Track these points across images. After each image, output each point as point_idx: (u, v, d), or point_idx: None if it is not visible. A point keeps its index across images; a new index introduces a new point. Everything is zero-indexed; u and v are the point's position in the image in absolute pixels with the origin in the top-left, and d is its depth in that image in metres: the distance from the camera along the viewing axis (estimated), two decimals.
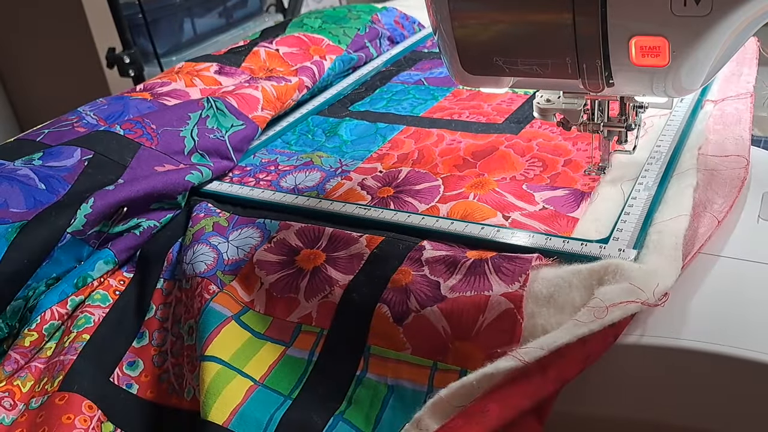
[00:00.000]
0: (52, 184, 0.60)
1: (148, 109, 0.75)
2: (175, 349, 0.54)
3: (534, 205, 0.58)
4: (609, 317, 0.42)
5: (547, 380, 0.42)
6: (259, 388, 0.48)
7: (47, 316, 0.55)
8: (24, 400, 0.51)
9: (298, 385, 0.49)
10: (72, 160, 0.64)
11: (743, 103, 0.67)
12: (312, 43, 0.95)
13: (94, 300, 0.57)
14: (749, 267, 0.49)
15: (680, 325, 0.44)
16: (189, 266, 0.56)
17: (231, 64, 0.88)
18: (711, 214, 0.52)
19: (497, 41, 0.49)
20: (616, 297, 0.43)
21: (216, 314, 0.52)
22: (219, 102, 0.76)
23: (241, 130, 0.75)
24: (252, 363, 0.50)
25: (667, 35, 0.44)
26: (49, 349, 0.55)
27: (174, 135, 0.70)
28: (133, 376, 0.53)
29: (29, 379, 0.52)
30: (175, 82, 0.82)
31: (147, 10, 1.49)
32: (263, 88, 0.81)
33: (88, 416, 0.49)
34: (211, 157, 0.71)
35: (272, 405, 0.47)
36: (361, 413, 0.47)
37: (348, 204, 0.61)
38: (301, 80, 0.85)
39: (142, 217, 0.63)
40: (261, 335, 0.52)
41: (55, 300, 0.56)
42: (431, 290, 0.49)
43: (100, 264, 0.59)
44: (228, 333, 0.51)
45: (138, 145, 0.68)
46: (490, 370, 0.42)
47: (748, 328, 0.44)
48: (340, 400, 0.47)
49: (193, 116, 0.73)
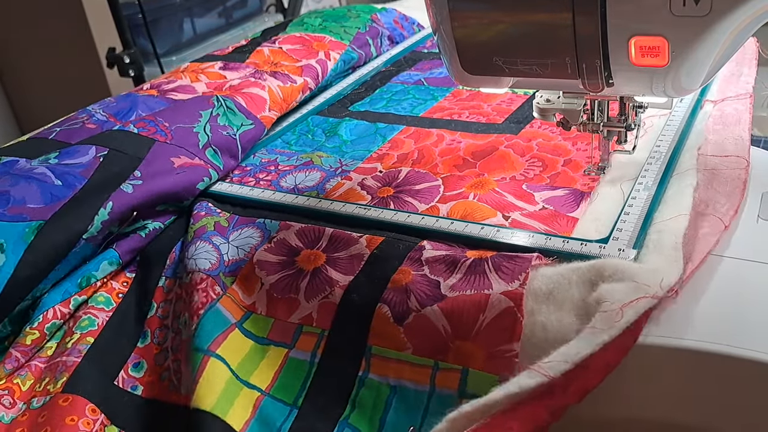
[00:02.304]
0: (68, 180, 0.61)
1: (157, 105, 0.76)
2: (175, 345, 0.54)
3: (534, 205, 0.58)
4: (625, 319, 0.42)
5: (568, 393, 0.40)
6: (266, 399, 0.49)
7: (50, 315, 0.55)
8: (24, 399, 0.51)
9: (302, 392, 0.49)
10: (87, 157, 0.64)
11: (743, 103, 0.67)
12: (314, 40, 0.96)
13: (97, 302, 0.57)
14: (749, 267, 0.49)
15: (680, 325, 0.44)
16: (191, 261, 0.56)
17: (236, 61, 0.89)
18: (716, 216, 0.52)
19: (497, 41, 0.49)
20: (625, 297, 0.43)
21: (222, 317, 0.52)
22: (228, 101, 0.76)
23: (250, 130, 0.75)
24: (257, 372, 0.50)
25: (667, 35, 0.44)
26: (49, 349, 0.55)
27: (188, 131, 0.71)
28: (138, 378, 0.53)
29: (29, 378, 0.52)
30: (181, 79, 0.83)
31: (147, 10, 1.49)
32: (270, 89, 0.81)
33: (91, 419, 0.49)
34: (222, 156, 0.71)
35: (279, 418, 0.48)
36: (365, 417, 0.47)
37: (348, 204, 0.61)
38: (306, 81, 0.86)
39: (148, 219, 0.63)
40: (264, 339, 0.52)
41: (58, 299, 0.56)
42: (431, 289, 0.49)
43: (105, 264, 0.59)
44: (233, 341, 0.51)
45: (152, 140, 0.68)
46: (515, 389, 0.39)
47: (748, 328, 0.44)
48: (344, 405, 0.48)
49: (204, 114, 0.74)
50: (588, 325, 0.43)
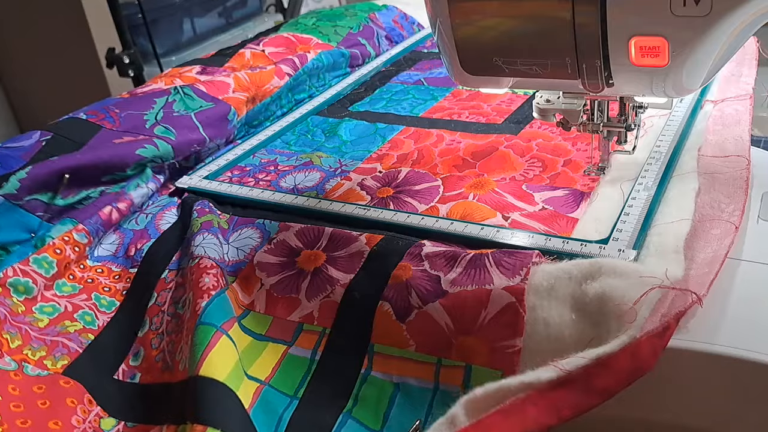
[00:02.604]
0: (8, 162, 0.62)
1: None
2: (170, 328, 0.54)
3: (534, 205, 0.58)
4: (640, 317, 0.41)
5: (591, 392, 0.40)
6: (266, 388, 0.48)
7: (9, 272, 0.56)
8: (13, 356, 0.51)
9: (302, 385, 0.49)
10: (30, 141, 0.66)
11: (743, 104, 0.67)
12: (300, 42, 0.95)
13: (101, 305, 0.57)
14: (748, 267, 0.49)
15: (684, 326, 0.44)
16: (199, 248, 0.56)
17: (215, 65, 0.89)
18: (724, 219, 0.51)
19: (497, 41, 0.49)
20: (632, 293, 0.43)
21: (228, 306, 0.52)
22: (187, 88, 0.77)
23: (210, 109, 0.76)
24: (255, 366, 0.50)
25: (667, 35, 0.44)
26: (41, 321, 0.55)
27: (138, 117, 0.72)
28: (137, 366, 0.53)
29: (18, 338, 0.52)
30: (157, 83, 0.83)
31: (147, 10, 1.49)
32: (235, 75, 0.82)
33: (87, 409, 0.50)
34: (176, 129, 0.71)
35: (280, 405, 0.47)
36: (369, 411, 0.47)
37: (347, 204, 0.61)
38: (279, 67, 0.86)
39: (91, 188, 0.64)
40: (262, 336, 0.52)
41: (15, 260, 0.57)
42: (432, 285, 0.49)
43: (59, 227, 0.61)
44: (233, 335, 0.51)
45: (99, 127, 0.69)
46: (530, 378, 0.40)
47: (747, 328, 0.44)
48: (347, 398, 0.48)
49: (159, 101, 0.74)
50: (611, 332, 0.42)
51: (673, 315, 0.42)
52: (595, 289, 0.45)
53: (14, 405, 0.48)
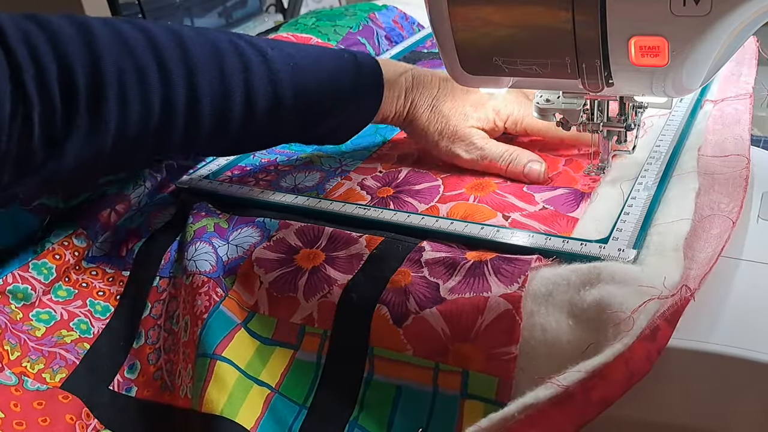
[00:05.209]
0: None
1: None
2: (168, 345, 0.54)
3: (534, 205, 0.58)
4: (638, 325, 0.41)
5: (590, 404, 0.40)
6: (276, 396, 0.49)
7: (9, 279, 0.56)
8: (12, 369, 0.51)
9: (310, 393, 0.49)
10: None
11: (743, 103, 0.67)
12: (299, 41, 0.95)
13: (95, 311, 0.57)
14: (748, 267, 0.49)
15: (681, 326, 0.44)
16: (191, 263, 0.56)
17: None
18: (724, 215, 0.51)
19: (496, 41, 0.49)
20: (631, 301, 0.43)
21: (226, 319, 0.52)
22: None
23: None
24: (265, 371, 0.50)
25: (667, 35, 0.44)
26: (38, 330, 0.55)
27: None
28: (133, 379, 0.54)
29: (17, 349, 0.52)
30: None
31: (147, 10, 1.49)
32: None
33: (85, 423, 0.50)
34: None
35: (289, 416, 0.48)
36: (373, 418, 0.47)
37: (348, 204, 0.61)
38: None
39: (91, 189, 0.64)
40: (269, 340, 0.52)
41: (16, 266, 0.57)
42: (430, 292, 0.49)
43: (58, 231, 0.60)
44: (239, 341, 0.51)
45: None
46: (530, 400, 0.39)
47: (747, 328, 0.44)
48: (352, 406, 0.48)
49: None
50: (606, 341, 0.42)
51: (665, 314, 0.42)
52: (593, 296, 0.45)
53: (17, 423, 0.48)
